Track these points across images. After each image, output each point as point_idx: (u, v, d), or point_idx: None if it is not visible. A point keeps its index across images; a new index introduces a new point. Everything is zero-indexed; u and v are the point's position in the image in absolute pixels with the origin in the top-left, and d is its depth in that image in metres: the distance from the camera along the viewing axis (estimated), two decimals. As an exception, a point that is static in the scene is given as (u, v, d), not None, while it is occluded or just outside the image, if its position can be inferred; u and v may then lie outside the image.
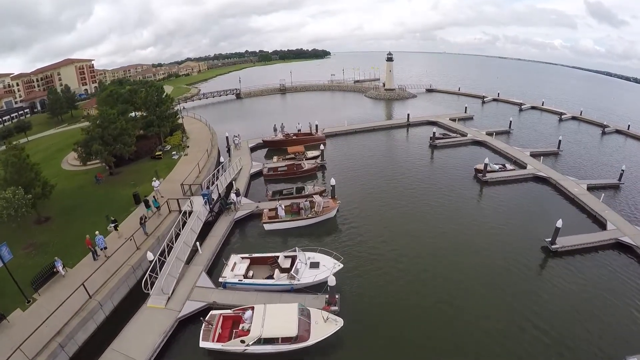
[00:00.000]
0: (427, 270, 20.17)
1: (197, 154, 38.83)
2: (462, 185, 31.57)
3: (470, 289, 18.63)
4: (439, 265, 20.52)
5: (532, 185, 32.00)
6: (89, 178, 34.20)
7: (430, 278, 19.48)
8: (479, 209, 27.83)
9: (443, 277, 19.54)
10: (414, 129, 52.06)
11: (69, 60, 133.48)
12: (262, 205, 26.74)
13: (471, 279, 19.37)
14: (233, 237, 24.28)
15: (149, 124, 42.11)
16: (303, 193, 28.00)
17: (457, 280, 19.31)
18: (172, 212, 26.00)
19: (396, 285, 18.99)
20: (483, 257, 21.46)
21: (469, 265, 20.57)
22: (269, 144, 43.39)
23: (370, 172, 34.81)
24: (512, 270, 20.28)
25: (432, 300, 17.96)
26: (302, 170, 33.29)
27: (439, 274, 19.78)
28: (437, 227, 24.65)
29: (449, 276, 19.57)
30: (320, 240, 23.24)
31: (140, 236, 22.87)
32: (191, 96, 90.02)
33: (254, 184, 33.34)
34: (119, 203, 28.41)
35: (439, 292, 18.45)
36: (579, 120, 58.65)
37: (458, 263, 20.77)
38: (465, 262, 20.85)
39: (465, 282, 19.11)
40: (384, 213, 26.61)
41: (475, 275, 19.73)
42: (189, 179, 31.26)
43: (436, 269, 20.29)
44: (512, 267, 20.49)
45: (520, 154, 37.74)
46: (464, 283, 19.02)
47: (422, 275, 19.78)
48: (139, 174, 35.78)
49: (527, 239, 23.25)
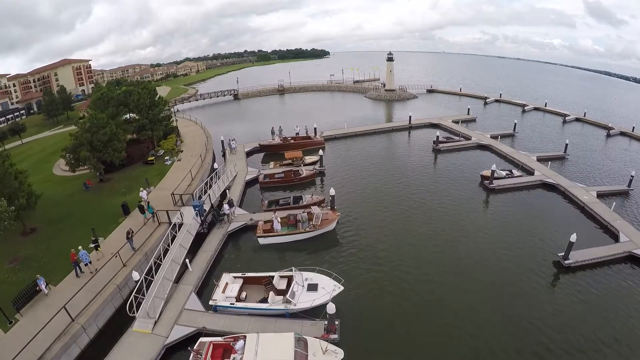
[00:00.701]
0: (433, 290, 18.80)
1: (191, 159, 37.43)
2: (468, 192, 30.19)
3: (480, 311, 17.29)
4: (446, 284, 19.17)
5: (540, 193, 30.65)
6: (79, 184, 32.80)
7: (436, 300, 18.08)
8: (486, 219, 26.49)
9: (451, 298, 18.15)
10: (416, 131, 50.69)
11: (66, 61, 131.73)
12: (257, 216, 25.32)
13: (481, 301, 18.02)
14: (225, 252, 22.83)
15: (141, 128, 40.67)
16: (301, 203, 26.49)
17: (465, 301, 17.95)
18: (162, 224, 24.62)
19: (401, 308, 17.61)
20: (492, 273, 20.12)
21: (477, 284, 19.23)
22: (265, 148, 41.89)
23: (372, 179, 33.40)
24: (525, 289, 18.92)
25: (440, 324, 16.62)
26: (300, 177, 31.80)
27: (446, 295, 18.40)
28: (442, 240, 23.27)
29: (457, 297, 18.20)
30: (318, 255, 21.86)
31: (127, 252, 21.51)
32: (188, 97, 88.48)
33: (249, 192, 31.83)
34: (108, 213, 27.06)
35: (446, 315, 17.09)
36: (582, 122, 57.52)
37: (466, 281, 19.42)
38: (473, 280, 19.51)
39: (474, 304, 17.77)
40: (386, 224, 25.21)
41: (485, 296, 18.40)
42: (181, 187, 29.90)
43: (443, 287, 18.95)
44: (524, 286, 19.12)
45: (526, 159, 36.40)
46: (473, 306, 17.63)
47: (429, 296, 18.41)
48: (130, 180, 34.42)
49: (537, 253, 21.93)
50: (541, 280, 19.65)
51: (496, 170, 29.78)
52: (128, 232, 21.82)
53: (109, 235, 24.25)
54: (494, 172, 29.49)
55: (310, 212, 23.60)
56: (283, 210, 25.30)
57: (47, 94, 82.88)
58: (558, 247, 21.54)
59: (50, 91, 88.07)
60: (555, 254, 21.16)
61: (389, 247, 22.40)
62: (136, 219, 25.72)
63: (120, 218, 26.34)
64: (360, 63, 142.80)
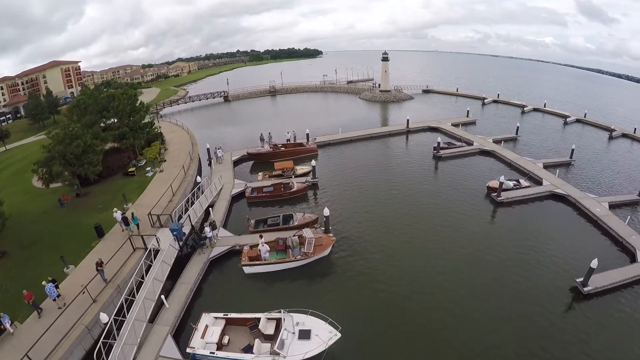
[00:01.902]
0: (445, 324, 16.58)
1: (174, 169, 34.64)
2: (474, 206, 27.87)
3: (499, 346, 15.35)
4: (455, 322, 16.83)
5: (550, 205, 28.50)
6: (55, 199, 29.97)
7: (444, 344, 15.74)
8: (495, 236, 24.19)
9: (461, 340, 15.81)
10: (414, 135, 48.32)
11: (55, 63, 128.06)
12: (243, 239, 22.70)
13: (495, 332, 16.05)
14: (207, 284, 20.13)
15: (121, 136, 37.84)
16: (291, 224, 23.83)
17: (481, 334, 16.03)
18: (138, 249, 21.93)
19: (409, 351, 15.27)
20: (505, 302, 18.03)
21: (488, 313, 17.25)
22: (254, 157, 39.06)
23: (368, 191, 30.90)
24: (541, 318, 16.92)
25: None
26: (290, 191, 29.18)
27: (456, 335, 16.10)
28: (449, 263, 20.95)
29: (468, 337, 15.92)
30: (311, 287, 19.38)
31: (98, 283, 18.93)
32: (177, 99, 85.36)
33: (236, 208, 29.04)
34: (81, 235, 24.42)
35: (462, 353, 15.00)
36: (583, 123, 55.89)
37: (476, 311, 17.32)
38: (486, 309, 17.48)
39: (491, 337, 15.79)
40: (386, 246, 22.73)
41: (497, 327, 16.44)
42: (161, 204, 27.20)
43: (453, 324, 16.66)
44: (540, 316, 17.07)
45: (533, 167, 34.27)
46: (491, 341, 15.57)
47: (438, 334, 16.10)
48: (108, 194, 31.71)
49: (553, 276, 19.85)
50: (558, 308, 17.72)
51: (504, 182, 27.48)
52: (98, 262, 19.19)
53: (81, 262, 21.63)
54: (502, 184, 27.24)
55: (301, 236, 21.07)
56: (272, 232, 22.75)
57: (32, 97, 79.25)
58: (574, 270, 19.63)
59: (35, 95, 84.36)
60: (573, 279, 19.01)
61: (392, 277, 19.89)
62: (110, 241, 23.15)
63: (94, 242, 23.71)
64: (354, 62, 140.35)
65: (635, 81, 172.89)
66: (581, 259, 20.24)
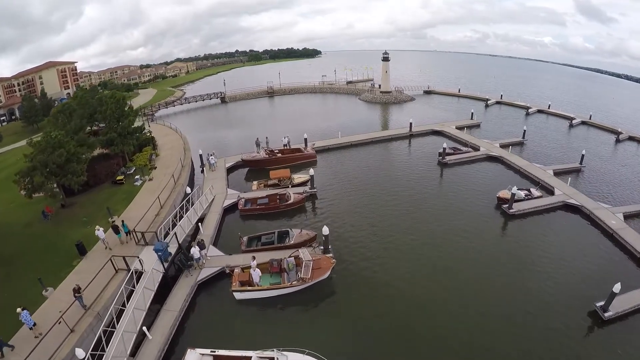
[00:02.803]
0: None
1: (164, 178, 32.70)
2: (483, 219, 26.06)
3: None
4: (468, 352, 15.19)
5: (563, 217, 26.74)
6: (40, 209, 27.95)
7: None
8: (508, 252, 22.39)
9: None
10: (417, 139, 46.48)
11: (51, 63, 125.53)
12: (235, 259, 20.82)
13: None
14: (194, 311, 18.27)
15: (109, 142, 35.95)
16: (287, 242, 21.91)
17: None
18: (120, 270, 20.06)
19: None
20: (520, 329, 16.45)
21: (500, 340, 15.83)
22: (249, 164, 37.07)
23: (370, 202, 29.04)
24: (560, 346, 15.45)
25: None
26: (287, 203, 27.31)
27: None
28: (460, 284, 19.28)
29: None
30: (308, 315, 17.59)
31: (77, 310, 17.09)
32: (173, 100, 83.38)
33: (228, 222, 27.03)
34: (63, 251, 22.54)
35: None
36: (588, 125, 54.41)
37: (488, 339, 15.82)
38: (497, 337, 15.96)
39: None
40: (391, 265, 20.90)
41: (509, 354, 15.04)
42: (148, 217, 25.29)
43: (466, 354, 15.06)
44: (557, 344, 15.53)
45: (543, 174, 32.52)
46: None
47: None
48: (94, 205, 29.80)
49: (570, 298, 18.26)
50: (577, 334, 16.29)
51: (516, 193, 25.67)
52: (75, 288, 17.37)
53: (61, 283, 19.74)
54: (514, 196, 25.43)
55: (297, 257, 19.24)
56: (266, 252, 20.91)
57: (26, 99, 77.14)
58: (591, 289, 18.39)
59: (29, 96, 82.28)
60: (592, 303, 17.43)
61: (397, 303, 18.12)
62: (92, 260, 21.26)
63: (76, 260, 21.84)
64: (353, 62, 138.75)
65: (634, 81, 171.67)
66: (599, 278, 19.23)
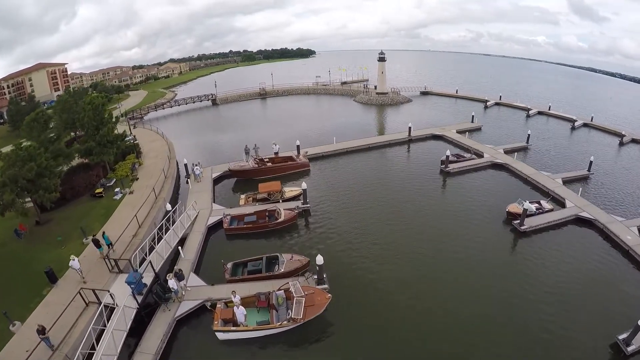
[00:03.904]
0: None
1: (145, 190, 29.99)
2: (492, 236, 23.84)
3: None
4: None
5: (576, 232, 24.61)
6: (16, 226, 25.30)
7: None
8: (520, 273, 20.27)
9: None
10: (417, 145, 44.15)
11: (40, 65, 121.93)
12: (217, 290, 18.25)
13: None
14: (171, 355, 15.73)
15: (87, 152, 33.23)
16: (276, 270, 19.27)
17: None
18: (92, 304, 17.53)
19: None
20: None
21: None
22: (237, 174, 34.15)
23: (368, 217, 26.56)
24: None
25: None
26: (277, 222, 24.54)
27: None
28: (470, 310, 17.35)
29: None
30: (300, 352, 15.42)
31: (45, 351, 14.73)
32: (162, 103, 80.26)
33: (212, 242, 24.19)
34: (35, 276, 19.94)
35: None
36: (590, 128, 52.80)
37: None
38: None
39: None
40: (395, 295, 18.63)
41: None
42: (124, 239, 22.69)
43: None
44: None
45: (552, 183, 30.43)
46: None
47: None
48: (71, 221, 27.06)
49: (588, 326, 16.51)
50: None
51: (528, 208, 23.44)
52: (39, 329, 14.84)
53: (29, 316, 17.35)
54: (526, 211, 23.21)
55: (287, 290, 16.81)
56: (252, 281, 18.45)
57: (12, 102, 74.02)
58: (610, 316, 16.91)
59: (15, 100, 79.13)
60: (613, 335, 15.59)
61: (401, 336, 15.93)
62: (62, 290, 18.80)
63: (46, 289, 19.31)
64: (347, 62, 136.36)
65: (629, 80, 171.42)
66: (618, 304, 17.84)
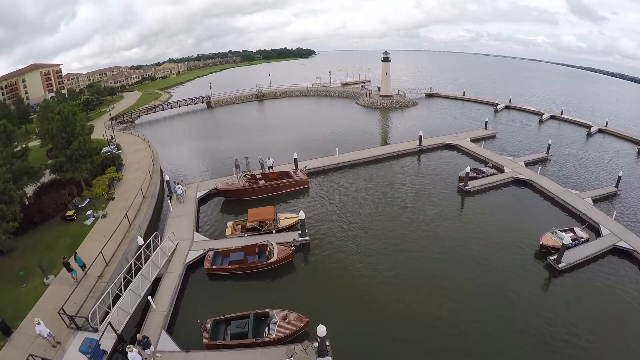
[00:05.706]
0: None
1: (121, 213, 26.14)
2: (528, 276, 19.83)
3: None
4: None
5: (614, 265, 20.75)
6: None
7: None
8: (561, 320, 16.68)
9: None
10: (428, 155, 39.89)
11: (34, 66, 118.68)
12: (193, 358, 14.58)
13: None
14: None
15: (57, 168, 29.48)
16: (265, 334, 15.23)
17: None
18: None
19: None
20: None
21: None
22: (225, 194, 29.80)
23: (383, 246, 22.51)
24: None
25: None
26: (268, 262, 20.23)
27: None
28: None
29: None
30: None
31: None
32: (155, 106, 76.40)
33: (191, 287, 19.86)
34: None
35: None
36: (604, 133, 49.68)
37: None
38: None
39: None
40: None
41: None
42: (89, 279, 18.96)
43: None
44: None
45: (583, 205, 26.56)
46: None
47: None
48: (35, 252, 23.20)
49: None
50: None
51: (565, 242, 19.56)
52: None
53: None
54: (565, 247, 19.37)
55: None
56: (236, 349, 14.72)
57: (0, 106, 70.63)
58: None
59: (4, 103, 76.27)
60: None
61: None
62: (14, 348, 15.18)
63: None
64: (347, 62, 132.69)
65: (629, 80, 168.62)
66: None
